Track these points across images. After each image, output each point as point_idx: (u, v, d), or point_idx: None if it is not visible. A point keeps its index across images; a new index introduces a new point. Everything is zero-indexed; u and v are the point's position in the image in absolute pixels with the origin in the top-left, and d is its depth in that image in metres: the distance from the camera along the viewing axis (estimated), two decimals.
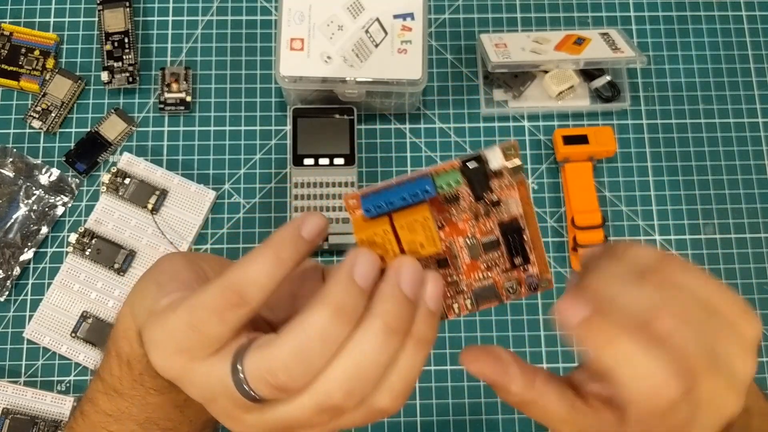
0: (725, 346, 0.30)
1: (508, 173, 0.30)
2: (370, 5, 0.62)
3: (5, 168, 0.64)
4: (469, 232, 0.31)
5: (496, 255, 0.32)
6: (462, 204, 0.31)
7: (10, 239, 0.62)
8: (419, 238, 0.29)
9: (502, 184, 0.30)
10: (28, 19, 0.68)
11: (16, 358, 0.60)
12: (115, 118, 0.65)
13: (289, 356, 0.27)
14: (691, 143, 0.67)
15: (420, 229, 0.29)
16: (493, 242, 0.32)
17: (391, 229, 0.29)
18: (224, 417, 0.30)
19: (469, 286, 0.33)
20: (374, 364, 0.27)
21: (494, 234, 0.31)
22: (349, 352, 0.27)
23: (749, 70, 0.69)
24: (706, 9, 0.71)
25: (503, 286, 0.33)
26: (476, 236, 0.31)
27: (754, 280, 0.64)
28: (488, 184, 0.30)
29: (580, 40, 0.66)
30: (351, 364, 0.27)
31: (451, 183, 0.29)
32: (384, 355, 0.28)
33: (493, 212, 0.31)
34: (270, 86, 0.67)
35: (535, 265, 0.32)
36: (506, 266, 0.32)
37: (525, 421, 0.60)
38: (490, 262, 0.32)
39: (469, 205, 0.31)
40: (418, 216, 0.29)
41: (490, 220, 0.31)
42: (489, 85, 0.68)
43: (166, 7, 0.69)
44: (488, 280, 0.33)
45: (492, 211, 0.31)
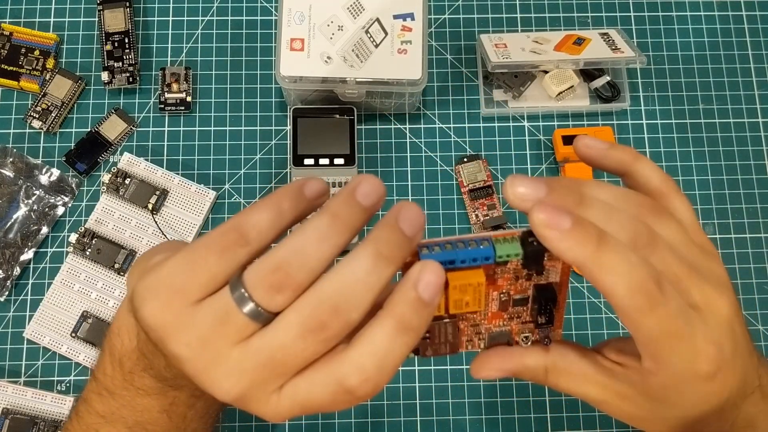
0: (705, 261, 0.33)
1: None
2: (370, 5, 0.62)
3: (5, 168, 0.64)
4: (506, 288, 0.33)
5: (522, 309, 0.34)
6: (509, 266, 0.32)
7: (10, 239, 0.62)
8: (467, 298, 0.31)
9: (551, 255, 0.31)
10: (28, 19, 0.68)
11: (16, 358, 0.60)
12: (115, 118, 0.65)
13: (287, 252, 0.28)
14: (691, 143, 0.67)
15: (471, 291, 0.31)
16: (523, 299, 0.33)
17: (444, 286, 0.30)
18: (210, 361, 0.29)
19: (488, 329, 0.34)
20: (361, 283, 0.28)
21: (527, 293, 0.33)
22: (338, 270, 0.28)
23: (749, 70, 0.69)
24: (706, 9, 0.71)
25: (518, 333, 0.35)
26: (510, 293, 0.33)
27: (754, 280, 0.64)
28: (543, 263, 0.32)
29: (579, 40, 0.66)
30: (338, 279, 0.28)
31: (510, 254, 0.30)
32: (372, 277, 0.28)
33: (535, 277, 0.32)
34: (270, 86, 0.67)
35: (553, 325, 0.34)
36: (528, 319, 0.34)
37: (525, 420, 0.60)
38: (514, 314, 0.34)
39: (515, 269, 0.32)
40: (473, 280, 0.31)
41: (529, 282, 0.33)
42: (489, 85, 0.68)
43: (166, 7, 0.69)
44: (506, 327, 0.34)
45: (533, 276, 0.32)
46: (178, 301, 0.30)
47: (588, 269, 0.29)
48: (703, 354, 0.31)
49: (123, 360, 0.34)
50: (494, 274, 0.32)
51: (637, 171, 0.36)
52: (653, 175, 0.35)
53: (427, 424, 0.60)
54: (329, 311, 0.28)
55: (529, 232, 0.30)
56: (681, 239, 0.33)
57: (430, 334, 0.33)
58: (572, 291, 0.63)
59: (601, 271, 0.29)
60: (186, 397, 0.35)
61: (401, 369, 0.61)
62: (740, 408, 0.34)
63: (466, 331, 0.34)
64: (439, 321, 0.32)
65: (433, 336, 0.33)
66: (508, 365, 0.34)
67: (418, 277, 0.28)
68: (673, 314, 0.30)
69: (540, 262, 0.31)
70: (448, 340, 0.34)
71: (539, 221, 0.29)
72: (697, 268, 0.32)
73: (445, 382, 0.61)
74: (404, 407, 0.60)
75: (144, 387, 0.34)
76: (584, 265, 0.29)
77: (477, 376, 0.35)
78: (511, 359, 0.34)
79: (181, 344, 0.29)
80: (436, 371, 0.61)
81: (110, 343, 0.35)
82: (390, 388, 0.60)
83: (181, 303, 0.30)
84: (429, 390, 0.61)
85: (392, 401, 0.60)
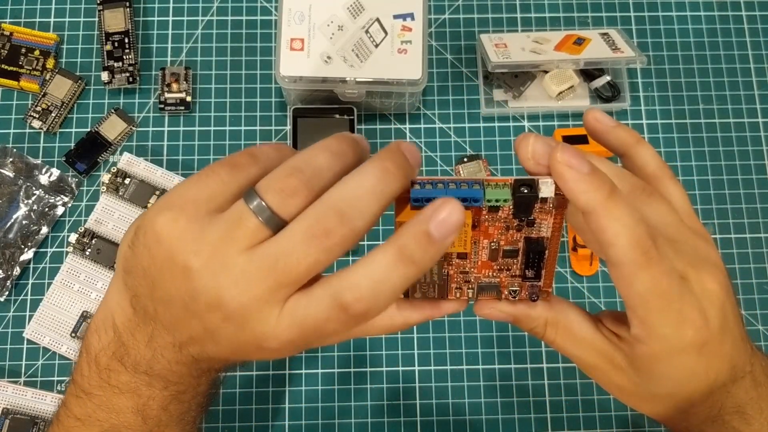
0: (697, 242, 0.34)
1: (552, 202, 0.32)
2: (370, 5, 0.62)
3: (5, 168, 0.64)
4: (496, 237, 0.33)
5: (511, 261, 0.34)
6: (500, 215, 0.32)
7: (10, 239, 0.62)
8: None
9: (543, 208, 0.32)
10: (28, 19, 0.68)
11: (16, 358, 0.60)
12: (115, 118, 0.65)
13: (301, 161, 0.30)
14: (691, 143, 0.67)
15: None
16: (513, 251, 0.34)
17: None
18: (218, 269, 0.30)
19: (477, 279, 0.35)
20: (368, 193, 0.29)
21: (518, 245, 0.33)
22: (346, 180, 0.30)
23: (749, 70, 0.69)
24: (706, 9, 0.71)
25: (507, 286, 0.35)
26: (500, 243, 0.33)
27: (754, 280, 0.64)
28: (532, 211, 0.32)
29: (580, 40, 0.66)
30: (346, 188, 0.29)
31: (499, 200, 0.31)
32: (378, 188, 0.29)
33: (525, 229, 0.33)
34: (270, 86, 0.67)
35: (542, 281, 0.35)
36: (517, 273, 0.34)
37: (525, 420, 0.60)
38: (504, 266, 0.34)
39: (506, 218, 0.32)
40: None
41: (519, 234, 0.33)
42: (489, 85, 0.68)
43: (166, 7, 0.69)
44: (495, 279, 0.35)
45: (524, 228, 0.33)
46: (191, 210, 0.30)
47: (597, 215, 0.30)
48: (689, 320, 0.32)
49: (99, 356, 0.34)
50: (486, 221, 0.32)
51: (637, 153, 0.37)
52: (651, 161, 0.37)
53: (427, 424, 0.60)
54: (335, 217, 0.29)
55: (521, 180, 0.31)
56: (671, 221, 0.34)
57: None
58: (572, 291, 0.63)
59: (609, 219, 0.30)
60: (160, 397, 0.35)
61: (401, 369, 0.61)
62: (730, 392, 0.34)
63: (455, 277, 0.35)
64: None
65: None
66: (511, 308, 0.35)
67: (433, 215, 0.29)
68: (666, 273, 0.31)
69: (529, 211, 0.32)
70: (435, 282, 0.34)
71: (561, 159, 0.30)
72: (688, 247, 0.33)
73: (445, 382, 0.61)
74: (404, 407, 0.60)
75: (119, 384, 0.34)
76: (595, 209, 0.30)
77: (479, 312, 0.36)
78: (515, 304, 0.35)
79: (190, 253, 0.30)
80: (436, 371, 0.61)
81: (87, 342, 0.35)
82: (390, 388, 0.61)
83: (194, 212, 0.30)
84: (429, 390, 0.61)
85: (392, 401, 0.60)
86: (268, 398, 0.60)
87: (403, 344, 0.61)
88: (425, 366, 0.61)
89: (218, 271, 0.30)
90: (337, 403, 0.60)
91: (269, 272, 0.29)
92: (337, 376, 0.61)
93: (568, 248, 0.64)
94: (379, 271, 0.29)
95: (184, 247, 0.30)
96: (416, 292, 0.35)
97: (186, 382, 0.35)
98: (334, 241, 0.29)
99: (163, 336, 0.33)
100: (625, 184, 0.34)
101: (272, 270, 0.29)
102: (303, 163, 0.30)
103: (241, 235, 0.29)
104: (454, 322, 0.62)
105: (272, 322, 0.30)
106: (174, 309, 0.32)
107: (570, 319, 0.35)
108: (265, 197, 0.29)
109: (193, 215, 0.30)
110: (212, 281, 0.30)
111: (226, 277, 0.30)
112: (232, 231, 0.30)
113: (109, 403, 0.35)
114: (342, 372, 0.61)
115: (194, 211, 0.30)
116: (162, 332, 0.33)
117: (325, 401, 0.60)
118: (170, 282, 0.31)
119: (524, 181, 0.31)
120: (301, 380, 0.60)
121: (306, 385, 0.60)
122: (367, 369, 0.61)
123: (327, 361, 0.61)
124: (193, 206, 0.30)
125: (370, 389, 0.61)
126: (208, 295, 0.30)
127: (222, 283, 0.30)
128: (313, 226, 0.29)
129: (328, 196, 0.29)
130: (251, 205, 0.29)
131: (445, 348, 0.62)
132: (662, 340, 0.32)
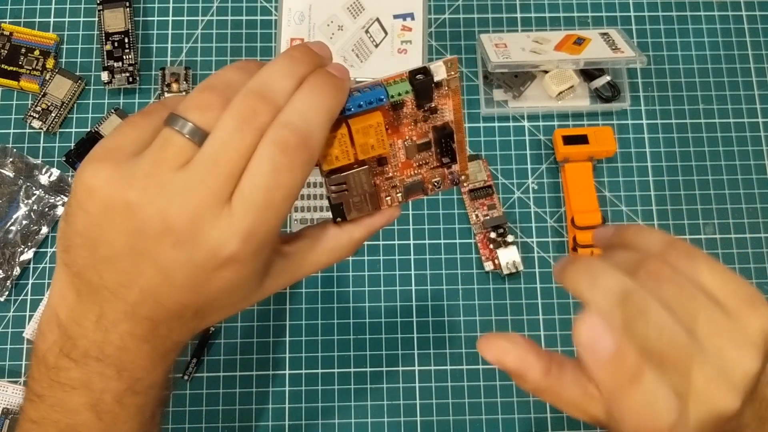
0: (717, 337, 0.29)
1: (447, 85, 0.35)
2: (370, 5, 0.62)
3: (5, 168, 0.64)
4: (408, 135, 0.36)
5: (428, 155, 0.37)
6: (405, 111, 0.35)
7: (10, 239, 0.62)
8: (371, 140, 0.34)
9: (441, 93, 0.35)
10: (28, 19, 0.68)
11: (16, 358, 0.60)
12: (115, 118, 0.65)
13: (213, 78, 0.32)
14: (691, 143, 0.67)
15: (373, 133, 0.34)
16: (426, 143, 0.37)
17: (348, 132, 0.33)
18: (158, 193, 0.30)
19: (402, 181, 0.37)
20: (279, 73, 0.31)
21: (428, 137, 0.37)
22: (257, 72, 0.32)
23: (749, 70, 0.69)
24: (706, 9, 0.71)
25: (430, 180, 0.38)
26: (413, 138, 0.36)
27: (754, 280, 0.64)
28: (431, 95, 0.35)
29: (580, 40, 0.66)
30: (258, 76, 0.31)
31: (401, 92, 0.34)
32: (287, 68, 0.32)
33: (430, 118, 0.36)
34: None
35: (458, 164, 0.38)
36: (435, 164, 0.37)
37: (525, 420, 0.60)
38: (422, 161, 0.37)
39: (411, 112, 0.35)
40: (372, 121, 0.34)
41: (427, 125, 0.36)
42: (489, 85, 0.68)
43: (166, 7, 0.69)
44: (418, 176, 0.38)
45: (429, 118, 0.36)
46: (116, 155, 0.31)
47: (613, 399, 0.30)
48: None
49: (46, 357, 0.34)
50: (394, 121, 0.35)
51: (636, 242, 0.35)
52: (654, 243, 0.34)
53: (427, 424, 0.60)
54: (256, 97, 0.30)
55: (415, 70, 0.34)
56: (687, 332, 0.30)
57: (347, 185, 0.35)
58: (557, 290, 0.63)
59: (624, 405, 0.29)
60: (114, 389, 0.34)
61: (401, 369, 0.61)
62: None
63: (383, 186, 0.37)
64: (352, 170, 0.35)
65: (350, 187, 0.35)
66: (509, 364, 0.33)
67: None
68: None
69: (429, 94, 0.35)
70: (366, 192, 0.36)
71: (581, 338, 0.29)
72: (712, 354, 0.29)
73: (445, 382, 0.61)
74: (404, 407, 0.60)
75: (69, 381, 0.34)
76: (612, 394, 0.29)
77: (480, 350, 0.34)
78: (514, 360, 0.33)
79: (125, 189, 0.30)
80: (436, 371, 0.61)
81: (35, 347, 0.35)
82: (390, 387, 0.61)
83: (119, 156, 0.31)
84: (429, 390, 0.61)
85: (392, 401, 0.60)
86: (268, 398, 0.60)
87: (403, 344, 0.61)
88: (425, 366, 0.61)
89: (158, 193, 0.29)
90: (337, 403, 0.60)
91: (208, 173, 0.29)
92: (337, 376, 0.61)
93: (568, 248, 0.64)
94: (303, 100, 0.31)
95: (118, 186, 0.30)
96: (351, 212, 0.37)
97: (140, 368, 0.34)
98: (262, 119, 0.30)
99: (113, 305, 0.32)
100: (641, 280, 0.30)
101: (211, 169, 0.29)
102: (213, 80, 0.32)
103: (170, 155, 0.30)
104: (454, 322, 0.62)
105: (224, 221, 0.30)
106: (120, 263, 0.31)
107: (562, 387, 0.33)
108: (186, 115, 0.30)
109: (119, 159, 0.30)
110: (154, 206, 0.29)
111: (166, 197, 0.29)
112: (161, 154, 0.30)
113: (62, 403, 0.34)
114: (342, 372, 0.61)
115: (120, 155, 0.31)
116: (111, 301, 0.32)
117: (324, 401, 0.60)
118: (112, 229, 0.30)
119: (418, 70, 0.34)
120: (300, 380, 0.60)
121: (306, 385, 0.60)
122: (367, 369, 0.61)
123: (327, 361, 0.61)
124: (117, 152, 0.31)
125: (370, 389, 0.61)
126: (153, 222, 0.29)
127: (164, 203, 0.29)
128: (238, 111, 0.30)
129: (244, 88, 0.31)
130: (174, 126, 0.30)
131: (445, 348, 0.62)
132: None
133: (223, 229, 0.30)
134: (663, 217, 0.65)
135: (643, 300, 0.29)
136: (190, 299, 0.32)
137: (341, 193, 0.35)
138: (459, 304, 0.62)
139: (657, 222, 0.65)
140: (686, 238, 0.65)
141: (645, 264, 0.31)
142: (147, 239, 0.30)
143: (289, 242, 0.37)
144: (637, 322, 0.29)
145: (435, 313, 0.62)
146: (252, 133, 0.30)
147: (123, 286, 0.31)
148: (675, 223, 0.65)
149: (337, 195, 0.35)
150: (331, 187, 0.35)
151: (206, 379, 0.60)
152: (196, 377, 0.60)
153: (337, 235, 0.37)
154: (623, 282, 0.30)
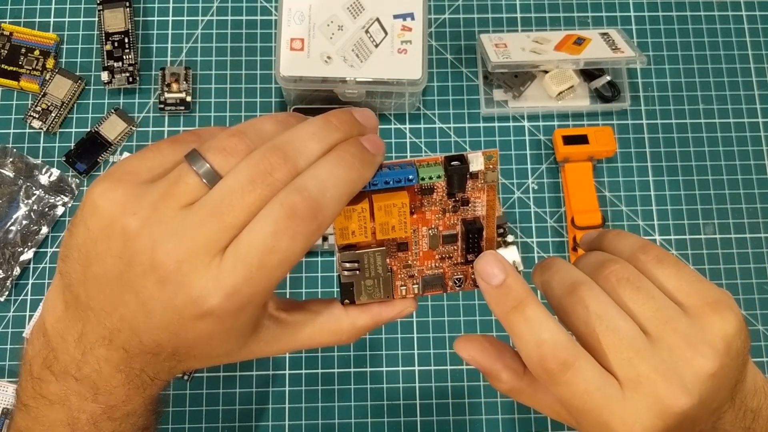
0: (671, 335, 0.30)
1: (483, 177, 0.33)
2: (370, 5, 0.62)
3: (5, 168, 0.64)
4: (434, 223, 0.34)
5: (452, 248, 0.35)
6: (435, 197, 0.33)
7: (10, 239, 0.62)
8: (393, 221, 0.32)
9: (476, 185, 0.33)
10: (28, 19, 0.68)
11: (16, 358, 0.60)
12: (115, 118, 0.65)
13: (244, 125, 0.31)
14: (691, 143, 0.67)
15: (396, 213, 0.32)
16: (452, 236, 0.34)
17: (369, 207, 0.32)
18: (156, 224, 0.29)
19: (420, 272, 0.35)
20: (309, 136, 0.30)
21: (456, 229, 0.34)
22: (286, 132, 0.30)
23: (749, 70, 0.69)
24: (706, 9, 0.71)
25: (451, 277, 0.36)
26: (439, 228, 0.34)
27: (754, 280, 0.64)
28: (464, 185, 0.33)
29: (580, 40, 0.66)
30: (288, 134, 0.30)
31: (432, 176, 0.32)
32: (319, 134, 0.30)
33: (461, 210, 0.34)
34: (270, 86, 0.67)
35: None
36: (459, 260, 0.35)
37: (525, 420, 0.60)
38: (445, 254, 0.35)
39: (441, 199, 0.33)
40: (396, 200, 0.32)
41: (456, 216, 0.34)
42: (489, 85, 0.68)
43: (166, 7, 0.69)
44: (438, 270, 0.35)
45: (459, 209, 0.34)
46: (130, 179, 0.30)
47: (504, 325, 0.32)
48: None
49: (32, 364, 0.34)
50: (421, 206, 0.33)
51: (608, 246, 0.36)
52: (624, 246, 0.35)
53: (427, 425, 0.60)
54: (278, 153, 0.29)
55: (451, 156, 0.32)
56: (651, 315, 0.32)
57: (360, 265, 0.33)
58: None
59: (512, 333, 0.32)
60: (90, 410, 0.33)
61: (401, 369, 0.61)
62: None
63: (399, 273, 0.35)
64: (368, 249, 0.33)
65: (364, 268, 0.33)
66: (484, 363, 0.35)
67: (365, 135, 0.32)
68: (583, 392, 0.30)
69: (463, 184, 0.33)
70: (379, 276, 0.34)
71: (477, 269, 0.32)
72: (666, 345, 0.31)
73: (445, 383, 0.61)
74: (404, 407, 0.60)
75: (48, 394, 0.33)
76: (501, 321, 0.32)
77: (456, 350, 0.35)
78: (488, 360, 0.35)
79: (128, 215, 0.29)
80: (436, 371, 0.61)
81: (24, 354, 0.35)
82: (390, 388, 0.61)
83: (133, 180, 0.30)
84: (429, 390, 0.61)
85: (392, 401, 0.60)
86: (268, 398, 0.60)
87: (403, 344, 0.61)
88: (425, 366, 0.61)
89: (155, 228, 0.29)
90: (337, 403, 0.60)
91: (208, 218, 0.28)
92: (337, 376, 0.61)
93: (568, 248, 0.64)
94: (325, 168, 0.30)
95: (122, 210, 0.29)
96: (362, 295, 0.34)
97: (117, 395, 0.33)
98: (277, 176, 0.29)
99: (94, 327, 0.31)
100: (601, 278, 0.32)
101: (212, 215, 0.28)
102: (247, 126, 0.31)
103: (180, 192, 0.29)
104: (454, 322, 0.62)
105: (212, 272, 0.28)
106: (107, 286, 0.30)
107: (535, 388, 0.34)
108: (206, 155, 0.29)
109: (132, 183, 0.30)
110: (149, 239, 0.28)
111: (162, 233, 0.28)
112: (172, 188, 0.29)
113: (44, 416, 0.34)
114: (342, 372, 0.61)
115: (133, 180, 0.30)
116: (93, 322, 0.31)
117: (325, 401, 0.60)
118: (106, 251, 0.30)
119: (454, 156, 0.32)
120: (300, 380, 0.60)
121: (306, 385, 0.60)
122: (367, 369, 0.61)
123: (327, 361, 0.61)
124: (132, 176, 0.30)
125: (370, 389, 0.61)
126: (144, 256, 0.28)
127: (158, 239, 0.28)
128: (255, 165, 0.29)
129: (270, 142, 0.30)
130: (192, 165, 0.29)
131: (445, 348, 0.62)
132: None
133: (208, 280, 0.28)
134: (663, 217, 0.65)
135: (589, 291, 0.31)
136: (165, 339, 0.30)
137: (353, 272, 0.33)
138: (459, 304, 0.62)
139: (657, 222, 0.65)
140: (686, 238, 0.65)
141: (608, 264, 0.33)
142: (134, 270, 0.29)
143: (289, 310, 0.35)
144: (577, 308, 0.31)
145: (435, 313, 0.62)
146: (264, 188, 0.28)
147: (105, 311, 0.31)
148: (675, 223, 0.65)
149: (349, 274, 0.33)
150: (343, 263, 0.33)
151: (206, 379, 0.60)
152: (196, 377, 0.60)
153: (340, 317, 0.35)
154: (576, 276, 0.32)
